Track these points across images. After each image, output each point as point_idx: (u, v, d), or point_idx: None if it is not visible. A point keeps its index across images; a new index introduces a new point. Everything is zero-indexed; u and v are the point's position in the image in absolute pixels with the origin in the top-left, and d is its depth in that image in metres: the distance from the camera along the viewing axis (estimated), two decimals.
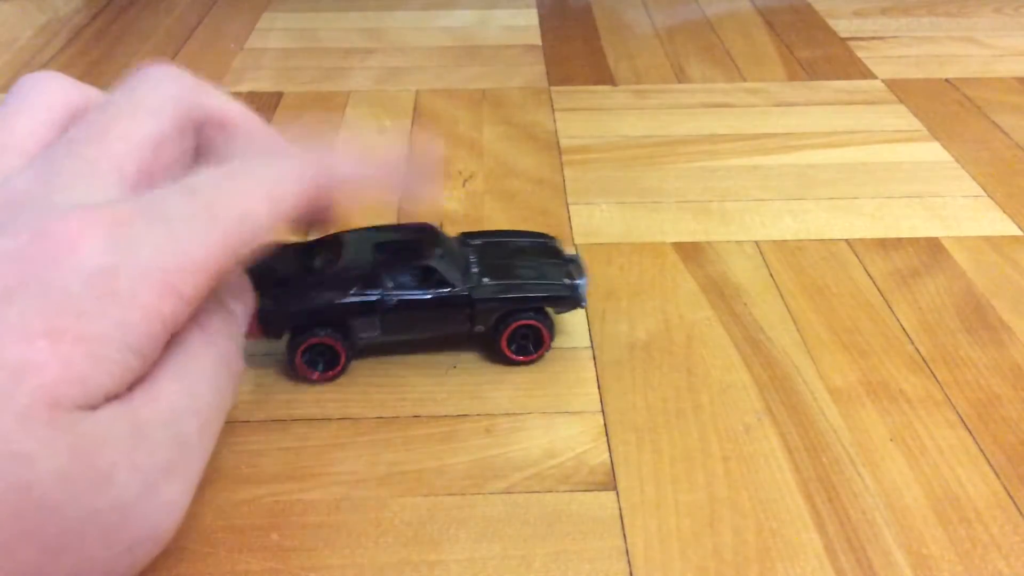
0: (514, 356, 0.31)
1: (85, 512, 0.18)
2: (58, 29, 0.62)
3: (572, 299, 0.30)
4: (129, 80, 0.24)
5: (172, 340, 0.20)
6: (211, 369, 0.21)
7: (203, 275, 0.20)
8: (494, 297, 0.30)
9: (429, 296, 0.29)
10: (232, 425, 0.29)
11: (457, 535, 0.25)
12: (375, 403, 0.30)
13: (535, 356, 0.31)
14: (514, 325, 0.30)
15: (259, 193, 0.22)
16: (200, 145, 0.25)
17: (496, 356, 0.31)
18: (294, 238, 0.29)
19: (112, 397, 0.18)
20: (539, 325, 0.30)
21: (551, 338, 0.31)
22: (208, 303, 0.22)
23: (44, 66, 0.55)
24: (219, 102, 0.25)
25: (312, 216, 0.25)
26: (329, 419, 0.29)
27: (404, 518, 0.26)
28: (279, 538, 0.25)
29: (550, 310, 0.30)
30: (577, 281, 0.31)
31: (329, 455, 0.28)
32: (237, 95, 0.52)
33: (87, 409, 0.18)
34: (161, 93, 0.23)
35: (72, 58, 0.57)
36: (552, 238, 0.33)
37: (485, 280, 0.30)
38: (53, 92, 0.23)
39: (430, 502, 0.26)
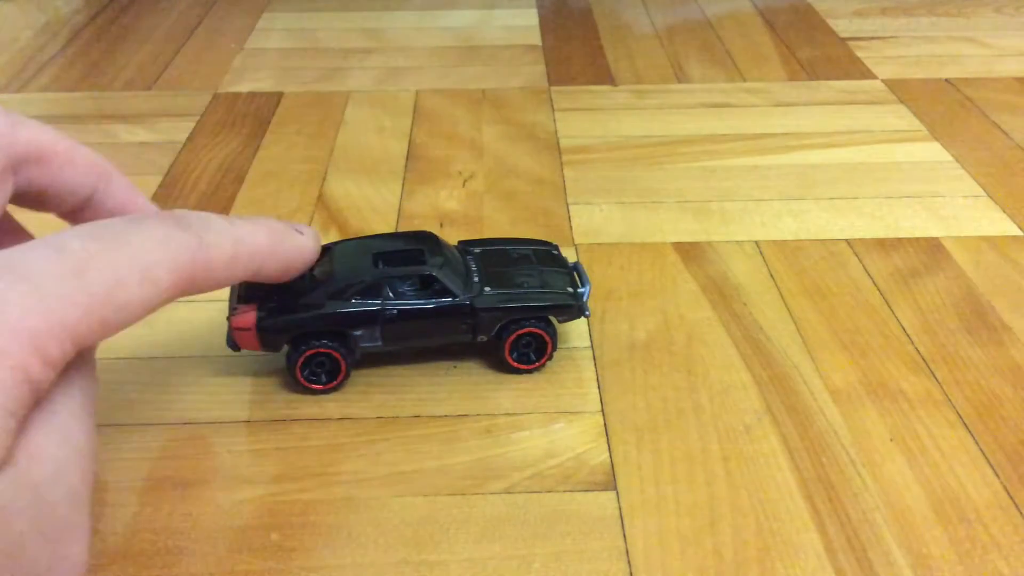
0: (517, 364, 0.30)
1: None
2: (58, 29, 0.62)
3: (575, 308, 0.30)
4: None
5: None
6: (76, 415, 0.19)
7: (70, 339, 0.18)
8: (497, 307, 0.29)
9: (431, 305, 0.29)
10: (232, 425, 0.29)
11: (457, 535, 0.25)
12: (375, 403, 0.30)
13: (538, 364, 0.30)
14: (517, 332, 0.29)
15: (132, 266, 0.19)
16: (18, 187, 0.22)
17: (498, 363, 0.31)
18: None
19: (2, 465, 0.17)
20: (542, 333, 0.30)
21: (554, 346, 0.30)
22: None
23: (44, 66, 0.55)
24: (33, 133, 0.22)
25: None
26: (329, 419, 0.29)
27: (404, 518, 0.26)
28: (279, 538, 0.25)
29: (553, 319, 0.30)
30: (580, 290, 0.30)
31: (329, 455, 0.28)
32: (237, 95, 0.52)
33: None
34: None
35: (72, 58, 0.57)
36: (554, 246, 0.32)
37: (487, 289, 0.29)
38: None
39: (430, 502, 0.26)
